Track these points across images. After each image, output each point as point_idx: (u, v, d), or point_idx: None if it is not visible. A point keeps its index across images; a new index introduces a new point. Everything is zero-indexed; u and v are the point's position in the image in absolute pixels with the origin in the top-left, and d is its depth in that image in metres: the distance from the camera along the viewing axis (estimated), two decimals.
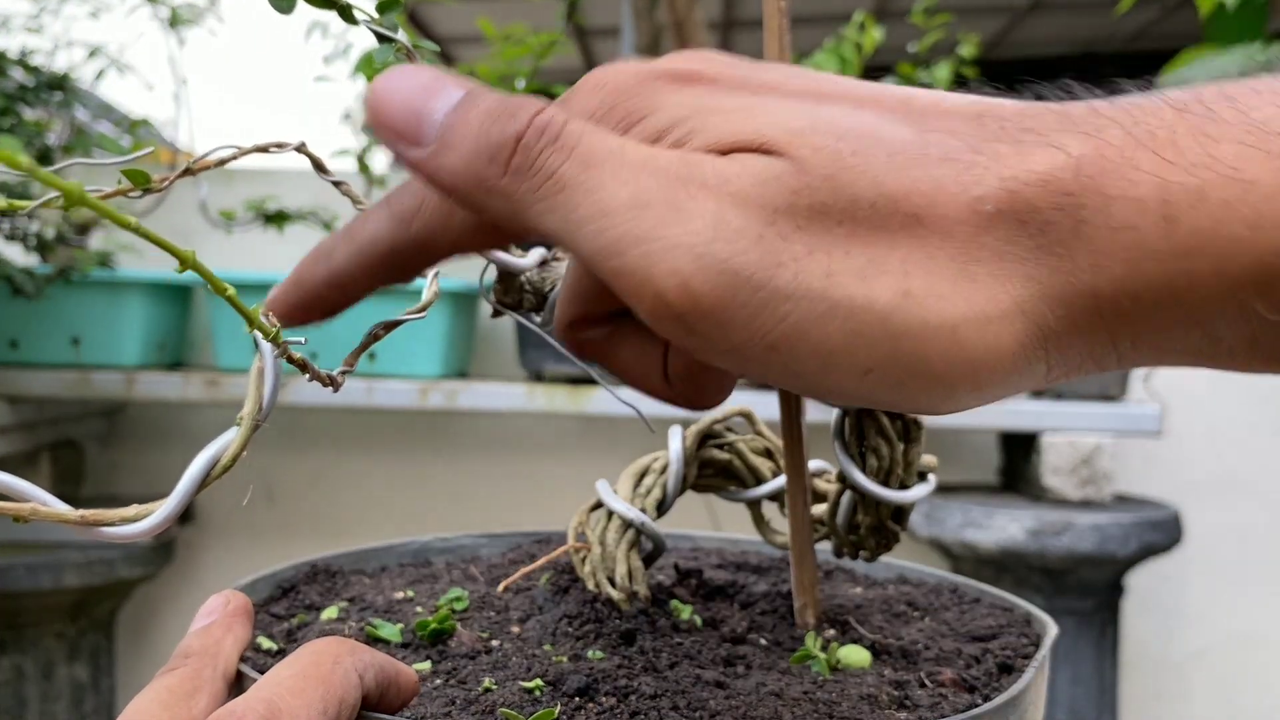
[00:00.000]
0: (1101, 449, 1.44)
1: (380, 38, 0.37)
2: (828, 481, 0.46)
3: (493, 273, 0.39)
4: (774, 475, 0.46)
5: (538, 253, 0.39)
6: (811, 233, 0.23)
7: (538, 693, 0.34)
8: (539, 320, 0.40)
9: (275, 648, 0.38)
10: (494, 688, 0.34)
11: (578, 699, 0.34)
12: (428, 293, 0.37)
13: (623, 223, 0.23)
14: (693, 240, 0.22)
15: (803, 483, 0.41)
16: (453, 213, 0.27)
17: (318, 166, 0.36)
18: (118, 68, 1.58)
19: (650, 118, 0.25)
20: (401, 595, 0.44)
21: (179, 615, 1.77)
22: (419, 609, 0.42)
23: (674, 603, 0.43)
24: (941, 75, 1.54)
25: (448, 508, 1.77)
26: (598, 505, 0.44)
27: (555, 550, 0.46)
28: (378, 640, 0.39)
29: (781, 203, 0.23)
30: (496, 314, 0.40)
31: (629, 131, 0.25)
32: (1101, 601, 1.42)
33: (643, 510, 0.43)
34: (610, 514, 0.43)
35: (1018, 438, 1.53)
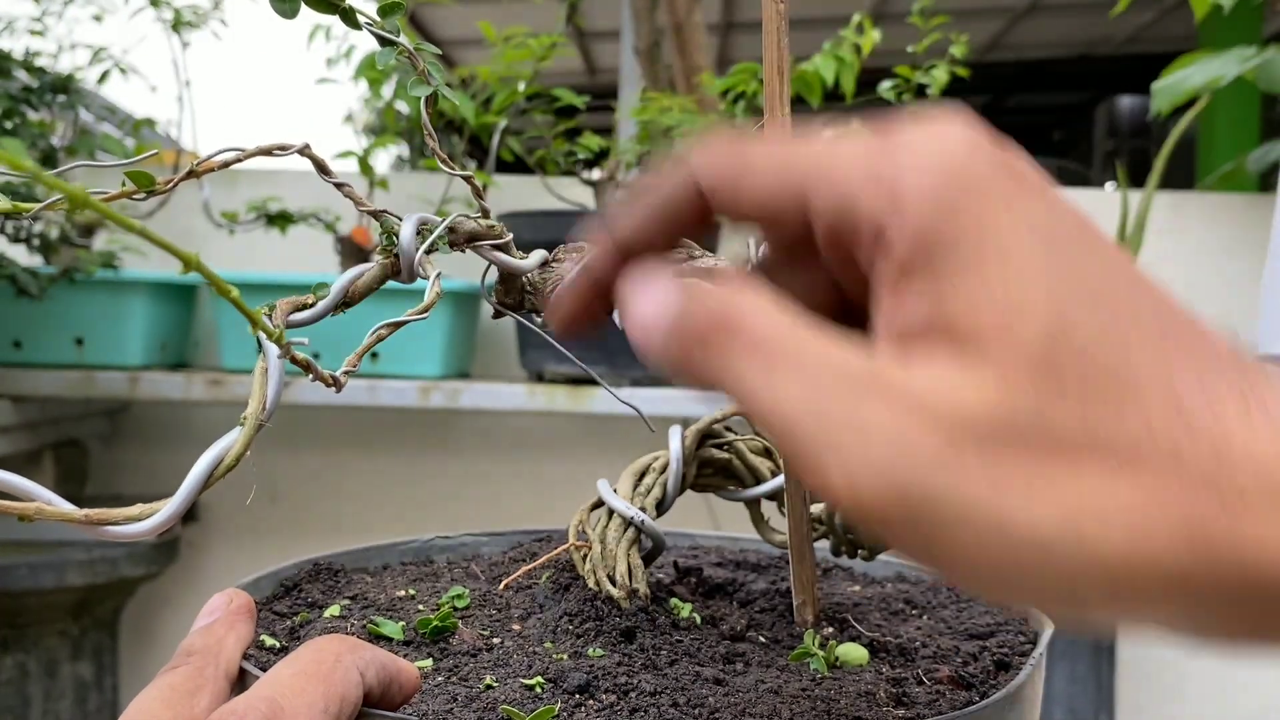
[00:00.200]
0: None
1: (382, 41, 0.38)
2: None
3: (494, 274, 0.39)
4: (773, 475, 0.46)
5: (538, 254, 0.39)
6: (993, 458, 0.22)
7: (538, 690, 0.34)
8: (539, 321, 0.40)
9: (278, 645, 0.38)
10: (495, 685, 0.35)
11: (578, 696, 0.34)
12: (430, 294, 0.37)
13: (800, 424, 0.23)
14: (869, 454, 0.22)
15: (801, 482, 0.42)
16: (745, 174, 0.28)
17: (320, 168, 0.37)
18: (121, 70, 1.58)
19: (964, 210, 0.24)
20: (403, 593, 0.44)
21: (182, 613, 1.77)
22: (421, 607, 0.43)
23: (674, 601, 0.43)
24: (939, 77, 1.54)
25: (449, 506, 1.78)
26: (598, 504, 0.45)
27: (556, 548, 0.46)
28: (380, 638, 0.39)
29: (973, 426, 0.22)
30: (498, 314, 0.40)
31: (943, 201, 0.24)
32: None
33: (642, 509, 0.43)
34: (610, 512, 0.43)
35: None
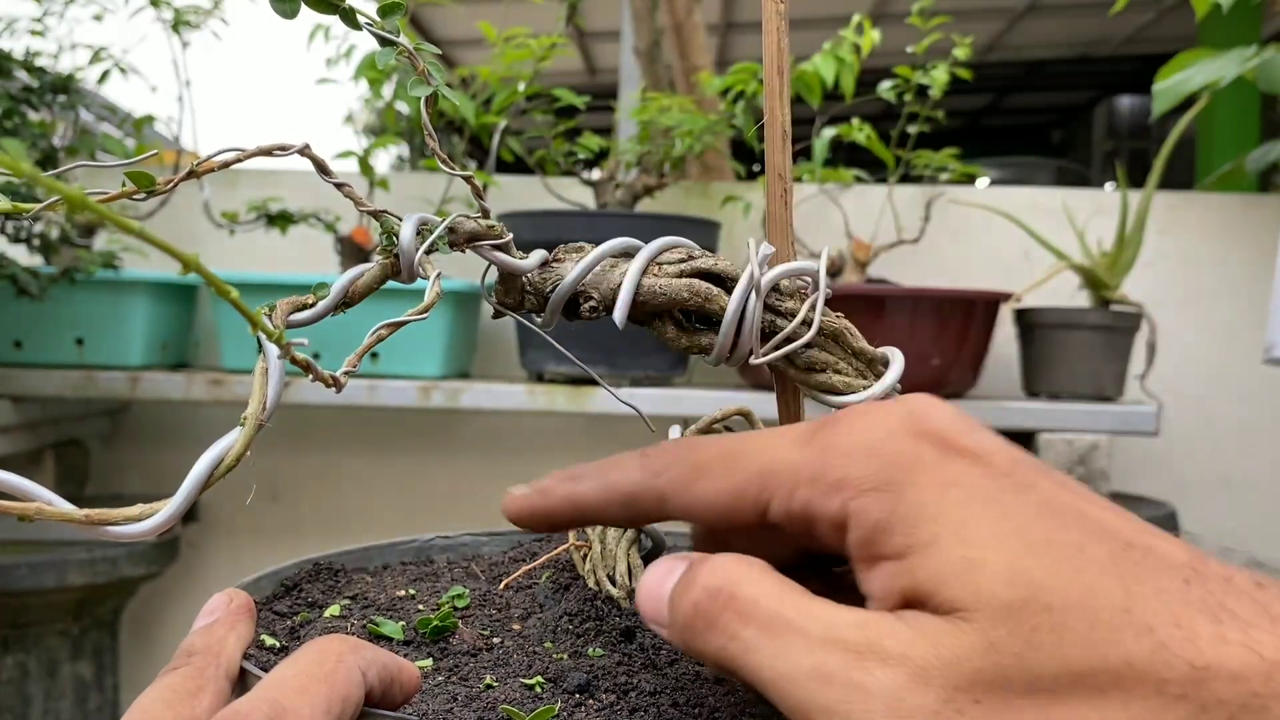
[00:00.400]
0: (1098, 448, 1.44)
1: (382, 41, 0.38)
2: None
3: (494, 273, 0.39)
4: None
5: (539, 254, 0.39)
6: (989, 706, 0.24)
7: (539, 689, 0.35)
8: (540, 321, 0.40)
9: (278, 645, 0.38)
10: (495, 684, 0.35)
11: (578, 696, 0.34)
12: (430, 294, 0.37)
13: (807, 692, 0.25)
14: (872, 718, 0.24)
15: None
16: (699, 479, 0.30)
17: (320, 168, 0.37)
18: (121, 70, 1.58)
19: (905, 491, 0.27)
20: (403, 593, 0.44)
21: (183, 613, 1.77)
22: (421, 606, 0.43)
23: None
24: (939, 77, 1.54)
25: (449, 506, 1.78)
26: None
27: (556, 548, 0.46)
28: (380, 637, 0.39)
29: (964, 679, 0.24)
30: (498, 314, 0.40)
31: (882, 493, 0.27)
32: None
33: None
34: None
35: (1015, 436, 1.52)
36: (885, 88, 1.58)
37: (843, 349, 0.39)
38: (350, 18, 0.37)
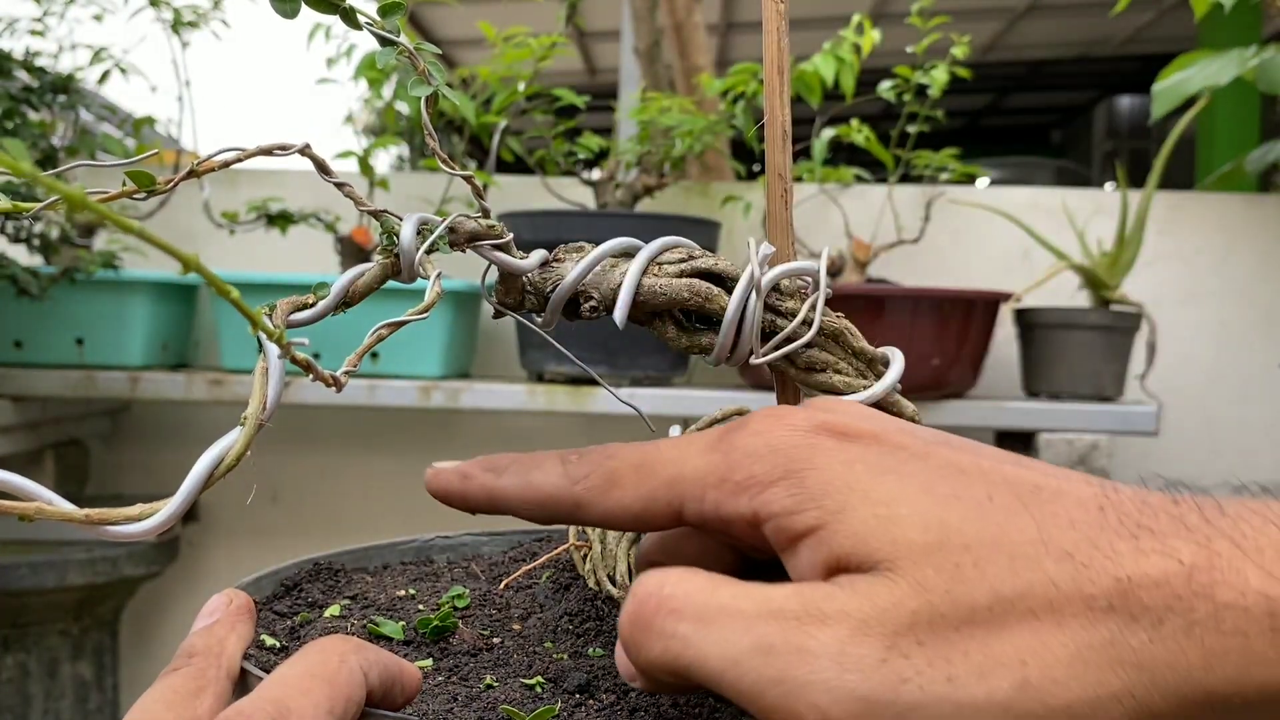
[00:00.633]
0: (1098, 448, 1.44)
1: (382, 41, 0.38)
2: None
3: (494, 273, 0.39)
4: None
5: (539, 254, 0.39)
6: (931, 645, 0.25)
7: (539, 689, 0.35)
8: (540, 321, 0.40)
9: (278, 645, 0.38)
10: (495, 685, 0.35)
11: (578, 696, 0.34)
12: (430, 294, 0.37)
13: (754, 668, 0.25)
14: (822, 676, 0.25)
15: None
16: (613, 488, 0.31)
17: (321, 168, 0.37)
18: (121, 70, 1.58)
19: (807, 474, 0.27)
20: (403, 593, 0.44)
21: (183, 613, 1.77)
22: (421, 606, 0.43)
23: None
24: (938, 77, 1.54)
25: (449, 506, 1.78)
26: None
27: (556, 548, 0.46)
28: (380, 637, 0.39)
29: (902, 623, 0.25)
30: (498, 314, 0.40)
31: (787, 480, 0.28)
32: None
33: None
34: None
35: (1015, 436, 1.53)
36: (885, 88, 1.58)
37: (843, 349, 0.39)
38: (350, 17, 0.37)
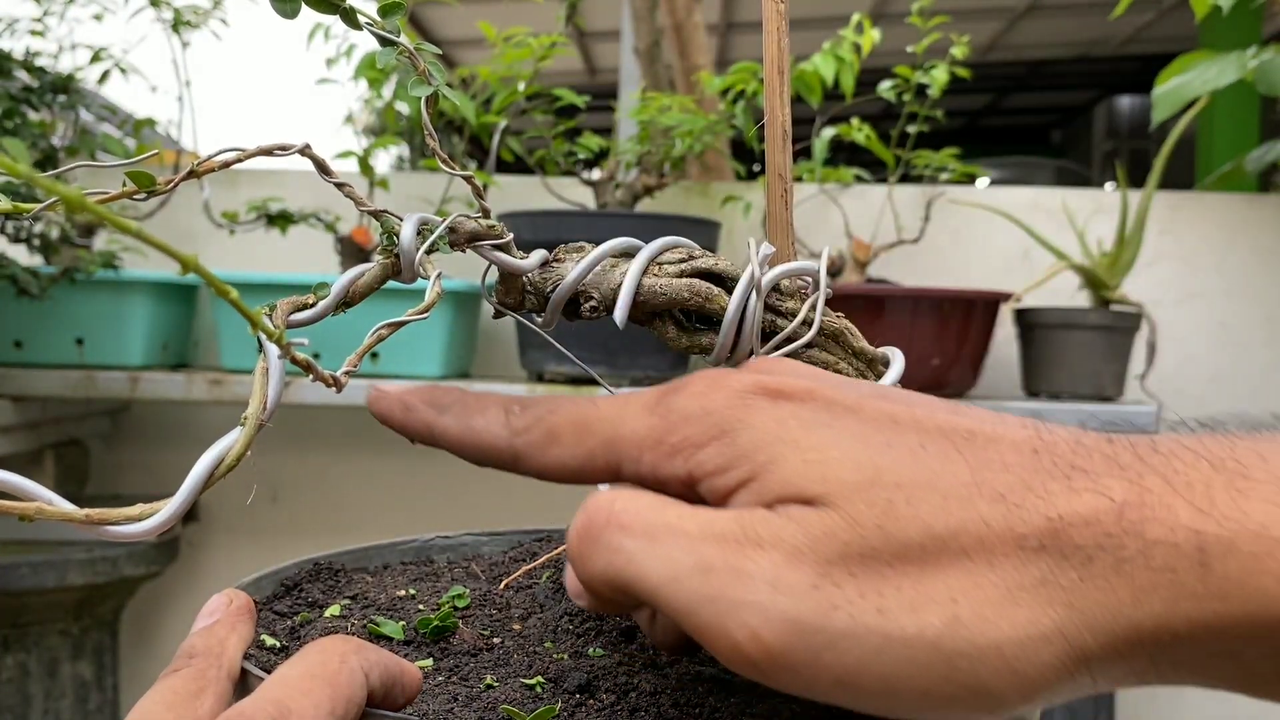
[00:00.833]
0: None
1: (382, 41, 0.38)
2: None
3: (494, 273, 0.39)
4: None
5: (539, 254, 0.39)
6: (863, 577, 0.25)
7: (539, 690, 0.35)
8: (540, 321, 0.40)
9: (278, 645, 0.38)
10: (495, 685, 0.35)
11: (579, 696, 0.34)
12: (430, 294, 0.37)
13: (692, 586, 0.26)
14: (756, 597, 0.25)
15: None
16: (552, 444, 0.31)
17: (321, 168, 0.37)
18: (121, 70, 1.58)
19: (739, 433, 0.28)
20: (404, 593, 0.44)
21: (183, 613, 1.77)
22: (421, 606, 0.43)
23: None
24: (938, 77, 1.54)
25: (449, 506, 1.78)
26: None
27: (556, 548, 0.46)
28: (380, 637, 0.39)
29: (834, 554, 0.25)
30: (498, 314, 0.40)
31: (719, 441, 0.28)
32: None
33: None
34: None
35: None
36: (885, 87, 1.58)
37: (843, 349, 0.39)
38: (350, 17, 0.37)
